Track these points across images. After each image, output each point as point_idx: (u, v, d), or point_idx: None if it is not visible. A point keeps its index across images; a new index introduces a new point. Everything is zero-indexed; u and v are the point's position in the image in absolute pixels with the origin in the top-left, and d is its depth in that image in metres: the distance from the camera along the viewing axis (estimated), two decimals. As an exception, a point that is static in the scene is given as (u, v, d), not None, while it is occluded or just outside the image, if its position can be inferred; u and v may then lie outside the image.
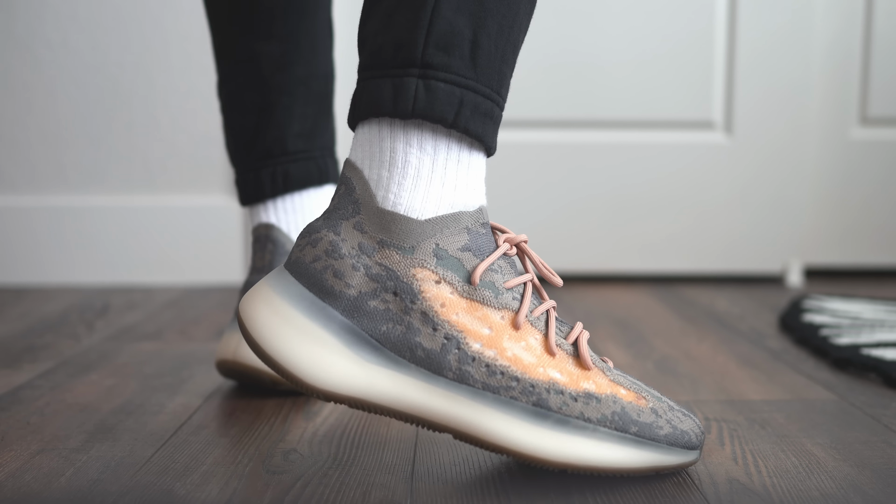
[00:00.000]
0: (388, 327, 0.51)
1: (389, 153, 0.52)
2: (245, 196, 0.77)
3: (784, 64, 1.30)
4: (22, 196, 1.27)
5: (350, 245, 0.52)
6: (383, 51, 0.52)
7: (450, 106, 0.51)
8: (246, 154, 0.76)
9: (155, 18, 1.25)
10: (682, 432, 0.53)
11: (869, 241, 1.36)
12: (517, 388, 0.52)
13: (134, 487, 0.52)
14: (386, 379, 0.51)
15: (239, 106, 0.76)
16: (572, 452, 0.52)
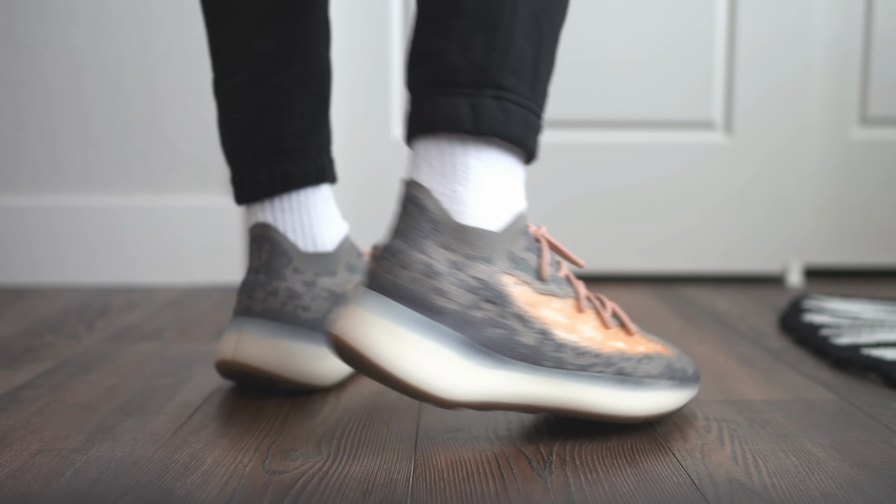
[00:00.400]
0: (493, 332, 0.56)
1: (462, 169, 0.57)
2: (242, 195, 0.75)
3: (784, 64, 1.30)
4: (22, 196, 1.27)
5: (442, 263, 0.56)
6: (460, 71, 0.56)
7: (519, 125, 0.57)
8: (243, 152, 0.75)
9: (155, 18, 1.25)
10: (694, 369, 0.67)
11: (869, 241, 1.36)
12: (599, 363, 0.60)
13: (134, 487, 0.52)
14: (500, 379, 0.57)
15: (237, 104, 0.75)
16: (652, 405, 0.62)
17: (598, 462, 0.57)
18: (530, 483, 0.53)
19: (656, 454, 0.58)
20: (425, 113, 0.57)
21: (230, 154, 0.77)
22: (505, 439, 0.61)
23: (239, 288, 0.73)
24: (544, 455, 0.58)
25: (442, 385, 0.55)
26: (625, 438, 0.61)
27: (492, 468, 0.56)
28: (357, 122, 1.30)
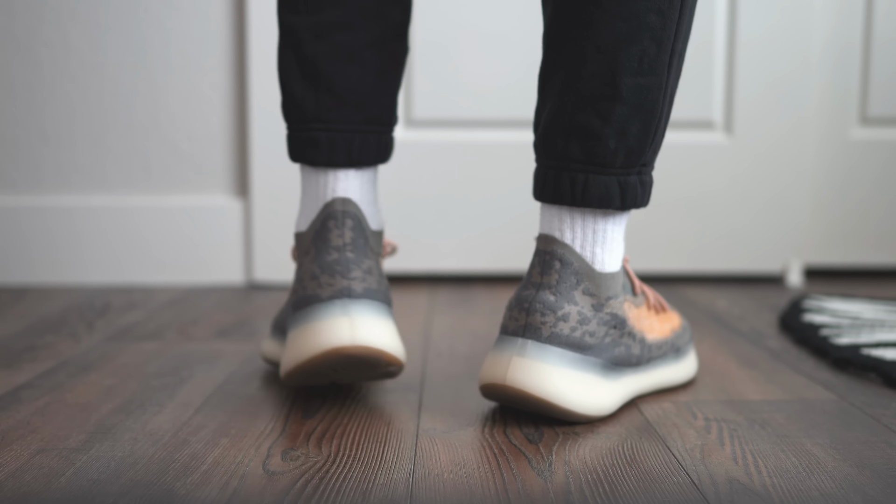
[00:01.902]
0: (618, 351, 0.67)
1: (601, 234, 0.66)
2: (341, 157, 0.68)
3: (784, 64, 1.30)
4: (22, 196, 1.27)
5: (587, 308, 0.65)
6: (616, 156, 0.64)
7: (648, 195, 0.67)
8: (354, 112, 0.69)
9: (155, 18, 1.25)
10: (684, 323, 0.79)
11: (868, 241, 1.36)
12: (667, 347, 0.73)
13: (134, 487, 0.52)
14: (624, 385, 0.68)
15: (360, 61, 0.69)
16: (691, 367, 0.77)
17: (598, 462, 0.57)
18: (530, 483, 0.53)
19: (656, 454, 0.58)
20: (577, 188, 0.65)
21: (335, 110, 0.69)
22: (505, 439, 0.61)
23: (310, 274, 0.67)
24: (544, 455, 0.58)
25: (598, 406, 0.65)
26: (625, 438, 0.61)
27: (492, 468, 0.56)
28: (357, 122, 1.30)
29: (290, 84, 0.69)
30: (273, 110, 1.25)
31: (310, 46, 0.68)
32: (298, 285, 0.68)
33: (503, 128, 1.30)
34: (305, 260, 0.68)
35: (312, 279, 0.66)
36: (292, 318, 0.67)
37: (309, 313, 0.65)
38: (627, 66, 0.62)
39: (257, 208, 1.26)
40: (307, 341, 0.64)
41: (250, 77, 1.24)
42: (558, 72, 0.66)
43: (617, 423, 0.65)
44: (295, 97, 0.69)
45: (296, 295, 0.68)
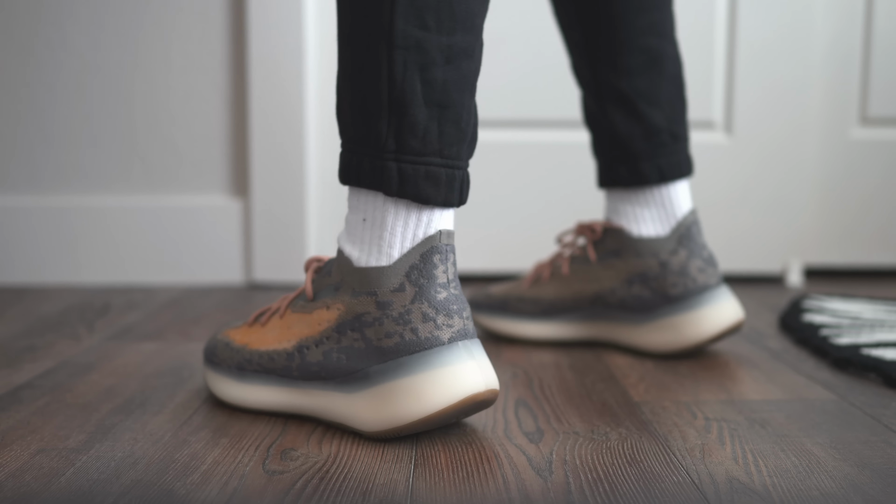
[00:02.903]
0: None
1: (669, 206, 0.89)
2: (454, 197, 0.63)
3: (784, 64, 1.30)
4: (22, 196, 1.27)
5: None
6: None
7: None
8: (467, 148, 0.64)
9: (155, 18, 1.25)
10: None
11: (869, 241, 1.36)
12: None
13: (134, 487, 0.52)
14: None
15: (473, 93, 0.64)
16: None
17: (598, 462, 0.57)
18: (530, 483, 0.53)
19: (656, 454, 0.58)
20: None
21: (451, 144, 0.63)
22: (505, 439, 0.61)
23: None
24: (544, 455, 0.58)
25: None
26: (625, 438, 0.61)
27: (492, 468, 0.56)
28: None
29: (412, 108, 0.60)
30: (273, 110, 1.25)
31: (440, 71, 0.60)
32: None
33: (505, 128, 1.31)
34: (397, 298, 0.60)
35: (425, 321, 0.60)
36: (399, 363, 0.60)
37: (431, 358, 0.59)
38: None
39: (257, 208, 1.26)
40: (439, 389, 0.59)
41: (250, 77, 1.24)
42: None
43: (617, 422, 0.65)
44: (417, 125, 0.60)
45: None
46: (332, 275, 0.64)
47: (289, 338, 0.65)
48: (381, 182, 0.60)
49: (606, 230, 0.88)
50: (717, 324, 0.83)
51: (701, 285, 0.84)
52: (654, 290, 0.85)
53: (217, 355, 0.70)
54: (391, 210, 0.61)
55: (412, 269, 0.60)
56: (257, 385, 0.67)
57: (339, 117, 0.64)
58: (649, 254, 0.85)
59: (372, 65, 0.59)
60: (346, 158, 0.63)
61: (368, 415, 0.60)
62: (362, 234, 0.62)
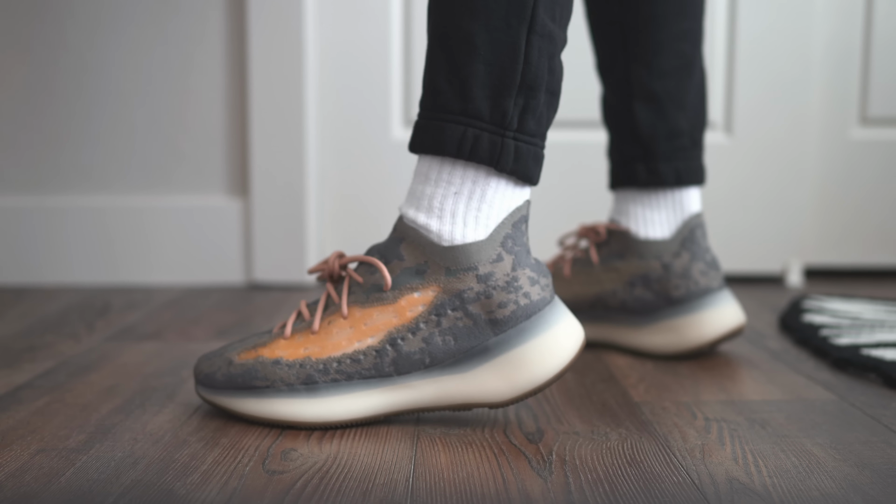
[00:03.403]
0: None
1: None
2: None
3: (784, 64, 1.30)
4: (22, 196, 1.27)
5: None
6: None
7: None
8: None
9: (155, 18, 1.25)
10: None
11: (869, 241, 1.36)
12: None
13: (134, 487, 0.52)
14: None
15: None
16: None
17: (598, 462, 0.57)
18: (530, 483, 0.53)
19: (656, 454, 0.58)
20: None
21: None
22: (505, 439, 0.61)
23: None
24: (544, 455, 0.58)
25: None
26: (625, 438, 0.61)
27: (492, 468, 0.56)
28: (357, 122, 1.30)
29: (539, 92, 0.63)
30: (273, 110, 1.25)
31: (558, 62, 0.64)
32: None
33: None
34: (497, 269, 0.62)
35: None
36: (520, 329, 0.62)
37: (549, 317, 0.63)
38: None
39: (257, 208, 1.26)
40: (564, 342, 0.63)
41: (250, 77, 1.24)
42: None
43: (617, 423, 0.65)
44: (538, 107, 0.64)
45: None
46: (406, 258, 0.63)
47: (369, 334, 0.62)
48: (499, 158, 0.61)
49: (611, 232, 0.88)
50: (719, 327, 0.84)
51: (703, 288, 0.84)
52: (656, 293, 0.85)
53: (259, 377, 0.63)
54: (492, 184, 0.62)
55: (507, 239, 0.62)
56: (339, 395, 0.62)
57: (449, 88, 0.62)
58: (652, 256, 0.86)
59: (510, 46, 0.61)
60: (451, 130, 0.62)
61: (500, 386, 0.62)
62: (454, 207, 0.62)
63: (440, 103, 0.62)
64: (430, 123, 0.63)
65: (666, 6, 0.86)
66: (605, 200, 1.28)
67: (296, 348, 0.64)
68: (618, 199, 0.90)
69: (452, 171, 0.62)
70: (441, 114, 0.62)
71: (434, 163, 0.63)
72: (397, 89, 1.30)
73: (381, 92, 1.30)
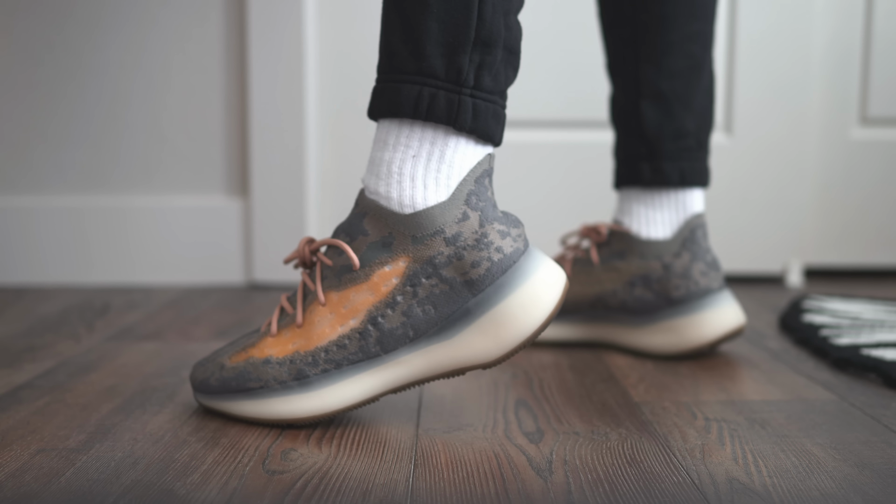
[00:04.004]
0: None
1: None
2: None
3: (784, 64, 1.30)
4: (22, 196, 1.27)
5: None
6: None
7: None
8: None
9: (155, 18, 1.25)
10: None
11: (869, 241, 1.36)
12: None
13: (134, 487, 0.52)
14: None
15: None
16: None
17: (598, 462, 0.57)
18: (530, 483, 0.53)
19: (656, 454, 0.58)
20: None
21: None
22: (505, 439, 0.61)
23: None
24: (544, 455, 0.58)
25: None
26: (625, 438, 0.61)
27: (492, 468, 0.56)
28: (357, 122, 1.30)
29: (495, 49, 0.63)
30: (273, 110, 1.25)
31: (513, 19, 0.64)
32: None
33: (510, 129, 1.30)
34: (465, 227, 0.61)
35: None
36: (498, 285, 0.61)
37: (525, 268, 0.61)
38: None
39: (257, 208, 1.26)
40: (546, 289, 0.62)
41: (250, 77, 1.24)
42: None
43: (617, 423, 0.65)
44: (495, 64, 0.64)
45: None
46: (370, 233, 0.61)
47: (350, 316, 0.61)
48: (456, 116, 0.60)
49: (612, 233, 0.88)
50: (719, 328, 0.84)
51: (703, 289, 0.84)
52: (656, 293, 0.85)
53: (252, 379, 0.63)
54: (451, 144, 0.61)
55: (470, 195, 0.61)
56: (332, 385, 0.62)
57: (403, 49, 0.61)
58: (653, 256, 0.86)
59: (462, 2, 0.60)
60: (407, 91, 0.60)
61: (487, 345, 0.61)
62: (412, 170, 0.61)
63: (395, 64, 0.61)
64: (386, 86, 0.61)
65: (677, 7, 0.86)
66: (608, 200, 1.28)
67: (284, 344, 0.63)
68: (621, 199, 0.90)
69: (411, 133, 0.61)
70: (397, 75, 0.61)
71: (392, 127, 0.62)
72: (397, 89, 1.30)
73: (381, 92, 1.29)
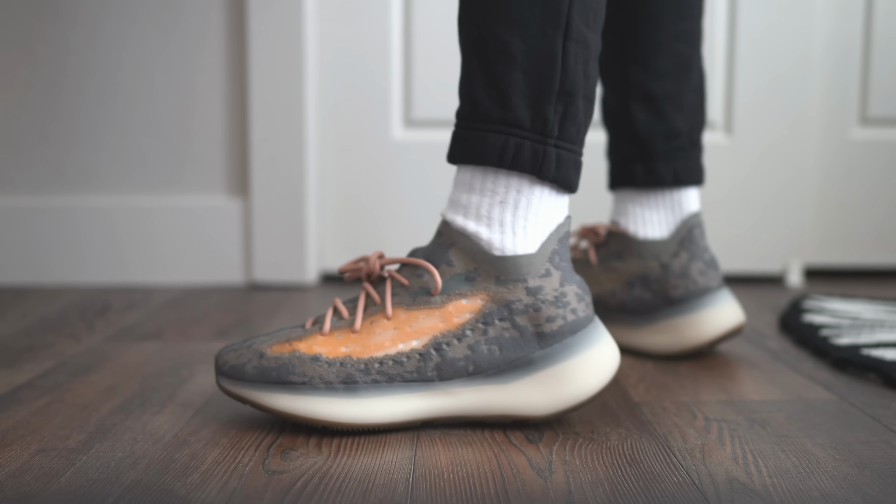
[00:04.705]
0: None
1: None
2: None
3: (784, 64, 1.30)
4: (22, 196, 1.27)
5: None
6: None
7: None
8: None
9: (155, 18, 1.25)
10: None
11: (869, 241, 1.36)
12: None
13: (134, 487, 0.52)
14: None
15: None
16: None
17: (598, 462, 0.57)
18: (530, 483, 0.53)
19: (656, 454, 0.58)
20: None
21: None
22: (505, 439, 0.61)
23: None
24: (544, 455, 0.58)
25: None
26: (625, 438, 0.62)
27: (492, 468, 0.56)
28: (357, 122, 1.30)
29: (577, 99, 0.64)
30: (273, 110, 1.25)
31: (593, 67, 0.64)
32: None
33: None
34: (546, 283, 0.62)
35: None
36: (566, 344, 0.62)
37: (592, 335, 0.63)
38: None
39: (257, 208, 1.26)
40: (605, 360, 0.64)
41: (250, 77, 1.24)
42: None
43: (617, 423, 0.65)
44: (577, 114, 0.64)
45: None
46: (455, 264, 0.62)
47: (414, 336, 0.61)
48: (541, 167, 0.62)
49: (610, 234, 0.88)
50: (718, 326, 0.84)
51: (702, 288, 0.84)
52: (655, 293, 0.85)
53: (296, 373, 0.61)
54: (536, 193, 0.63)
55: (554, 255, 0.63)
56: (380, 396, 0.61)
57: (487, 98, 0.62)
58: (651, 256, 0.86)
59: (547, 54, 0.61)
60: (493, 140, 0.62)
61: (541, 399, 0.62)
62: (501, 216, 0.62)
63: (479, 113, 0.62)
64: (469, 133, 0.63)
65: (664, 7, 0.86)
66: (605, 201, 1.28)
67: (335, 346, 0.62)
68: (617, 200, 0.90)
69: (496, 180, 0.62)
70: (481, 123, 0.62)
71: (476, 172, 0.63)
72: (397, 89, 1.30)
73: (382, 92, 1.30)
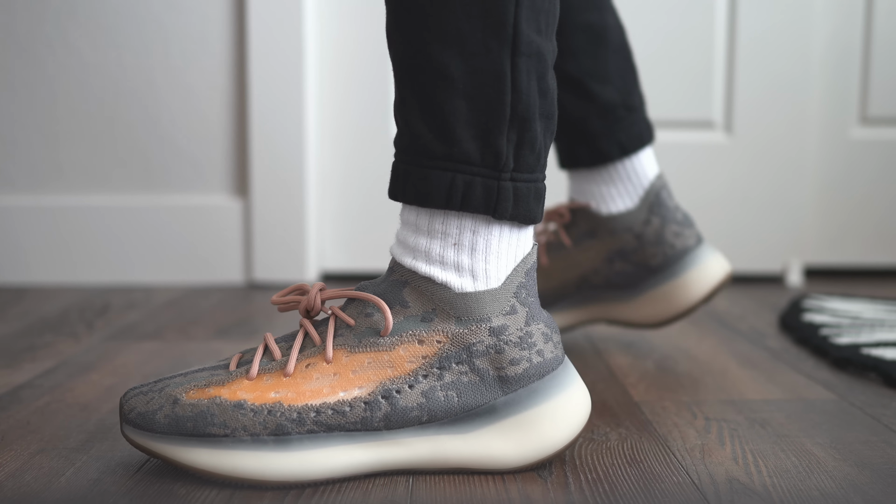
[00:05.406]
0: None
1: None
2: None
3: (784, 63, 1.30)
4: (22, 196, 1.27)
5: None
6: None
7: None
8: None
9: (155, 18, 1.25)
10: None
11: (869, 241, 1.36)
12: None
13: (134, 487, 0.52)
14: None
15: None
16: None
17: (598, 462, 0.57)
18: (530, 483, 0.53)
19: (656, 454, 0.58)
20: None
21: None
22: (505, 439, 0.61)
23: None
24: (544, 455, 0.58)
25: None
26: (625, 438, 0.61)
27: (492, 468, 0.56)
28: (357, 122, 1.30)
29: (533, 123, 0.55)
30: (273, 110, 1.25)
31: (550, 80, 0.56)
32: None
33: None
34: (511, 321, 0.55)
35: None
36: (532, 389, 0.55)
37: (562, 378, 0.56)
38: None
39: (257, 208, 1.26)
40: (579, 407, 0.57)
41: (250, 77, 1.24)
42: None
43: (617, 422, 0.65)
44: (536, 140, 0.56)
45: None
46: (411, 305, 0.55)
47: (357, 383, 0.53)
48: (496, 206, 0.54)
49: (574, 211, 0.87)
50: (705, 284, 0.84)
51: (680, 250, 0.84)
52: (635, 264, 0.85)
53: (216, 424, 0.52)
54: (495, 232, 0.55)
55: (520, 289, 0.56)
56: (315, 448, 0.53)
57: (426, 131, 0.54)
58: (623, 229, 0.85)
59: (493, 74, 0.52)
60: (437, 178, 0.54)
61: (506, 450, 0.55)
62: (457, 259, 0.55)
63: (419, 147, 0.54)
64: (410, 169, 0.55)
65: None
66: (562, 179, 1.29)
67: (264, 391, 0.53)
68: (572, 179, 0.89)
69: (446, 221, 0.55)
70: (423, 159, 0.54)
71: (422, 213, 0.55)
72: (397, 89, 1.30)
73: (382, 92, 1.29)
